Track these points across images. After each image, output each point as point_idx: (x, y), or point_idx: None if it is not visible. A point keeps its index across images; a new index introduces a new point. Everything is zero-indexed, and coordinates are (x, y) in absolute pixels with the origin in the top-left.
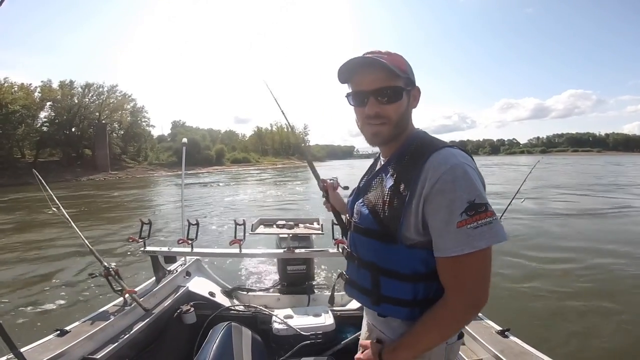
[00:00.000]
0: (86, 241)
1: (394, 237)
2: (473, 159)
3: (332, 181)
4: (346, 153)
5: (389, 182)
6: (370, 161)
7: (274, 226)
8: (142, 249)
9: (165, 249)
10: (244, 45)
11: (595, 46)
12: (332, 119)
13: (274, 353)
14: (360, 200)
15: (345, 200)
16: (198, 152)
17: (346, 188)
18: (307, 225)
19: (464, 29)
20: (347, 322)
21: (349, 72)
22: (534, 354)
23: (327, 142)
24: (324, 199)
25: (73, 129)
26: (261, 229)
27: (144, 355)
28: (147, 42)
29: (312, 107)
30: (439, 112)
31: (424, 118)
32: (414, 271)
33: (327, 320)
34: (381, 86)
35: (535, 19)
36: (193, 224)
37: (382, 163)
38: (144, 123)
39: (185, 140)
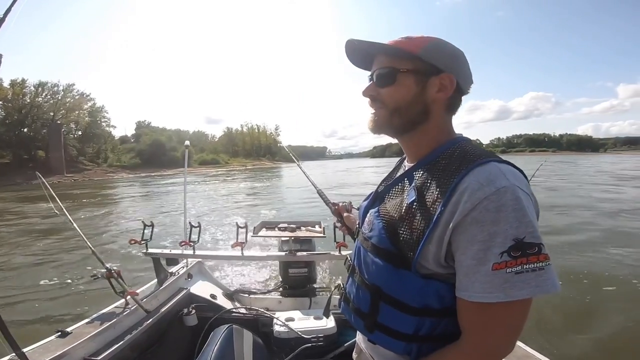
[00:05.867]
0: (88, 242)
1: (408, 263)
2: (527, 180)
3: (344, 204)
4: (319, 154)
5: (412, 195)
6: (343, 162)
7: (276, 229)
8: (144, 251)
9: (167, 251)
10: (217, 43)
11: (559, 48)
12: (305, 120)
13: (275, 356)
14: (375, 209)
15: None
16: (163, 154)
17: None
18: (309, 228)
19: (434, 31)
20: (349, 325)
21: (368, 59)
22: (537, 358)
23: (299, 143)
24: (339, 224)
25: (25, 130)
26: (263, 232)
27: (145, 357)
28: (116, 42)
29: (284, 108)
30: None
31: None
32: (423, 305)
33: (328, 323)
34: (377, 68)
35: (505, 22)
36: (195, 227)
37: (407, 168)
38: (103, 123)
39: (187, 142)
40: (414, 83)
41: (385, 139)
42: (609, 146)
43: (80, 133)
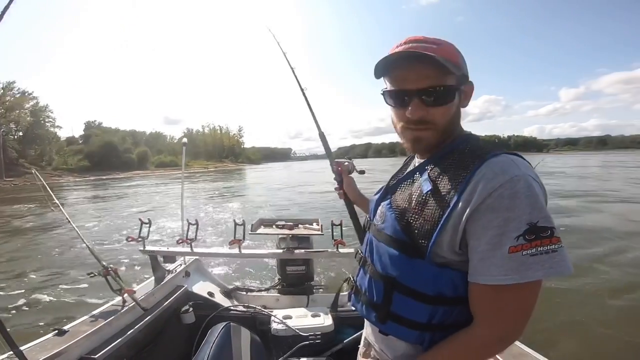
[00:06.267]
0: (85, 240)
1: (422, 253)
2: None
3: (347, 163)
4: (283, 155)
5: (426, 186)
6: (308, 163)
7: (274, 226)
8: (141, 248)
9: (164, 248)
10: (175, 41)
11: (513, 51)
12: (269, 121)
13: (273, 354)
14: (387, 202)
15: (368, 195)
16: (116, 156)
17: (362, 172)
18: (307, 225)
19: (402, 33)
20: (346, 323)
21: (386, 66)
22: (533, 356)
23: (263, 144)
24: (337, 185)
25: None
26: (261, 230)
27: (142, 355)
28: (64, 39)
29: (248, 108)
30: (375, 115)
31: (360, 120)
32: (438, 293)
33: (326, 321)
34: (429, 85)
35: (464, 26)
36: (192, 224)
37: (417, 164)
38: (48, 124)
39: (185, 140)
40: (457, 96)
41: (350, 140)
42: (552, 147)
43: (21, 134)
